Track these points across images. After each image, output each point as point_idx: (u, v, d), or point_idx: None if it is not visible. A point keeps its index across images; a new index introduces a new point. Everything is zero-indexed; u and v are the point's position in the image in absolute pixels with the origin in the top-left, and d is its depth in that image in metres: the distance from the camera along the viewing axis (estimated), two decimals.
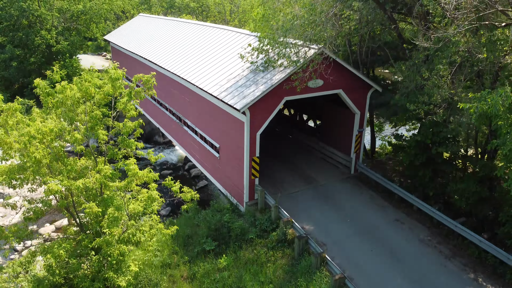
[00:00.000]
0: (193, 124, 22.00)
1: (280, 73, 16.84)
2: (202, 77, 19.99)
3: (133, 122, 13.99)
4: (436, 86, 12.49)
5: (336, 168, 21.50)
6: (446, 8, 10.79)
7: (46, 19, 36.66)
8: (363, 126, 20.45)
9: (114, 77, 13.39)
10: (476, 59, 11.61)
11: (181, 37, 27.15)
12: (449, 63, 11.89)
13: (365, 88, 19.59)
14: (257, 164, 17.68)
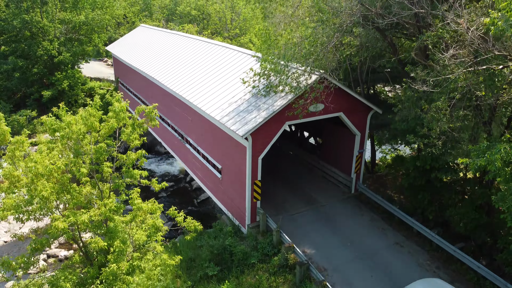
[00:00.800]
0: (195, 143, 22.24)
1: (282, 99, 17.08)
2: (204, 99, 20.21)
3: (137, 152, 14.21)
4: (435, 119, 12.74)
5: (336, 187, 21.74)
6: (444, 57, 11.01)
7: (49, 31, 36.86)
8: (364, 147, 20.69)
9: (118, 110, 13.61)
10: (475, 96, 11.86)
11: (183, 53, 27.36)
12: (448, 98, 12.12)
13: (365, 110, 19.83)
14: (259, 187, 17.92)
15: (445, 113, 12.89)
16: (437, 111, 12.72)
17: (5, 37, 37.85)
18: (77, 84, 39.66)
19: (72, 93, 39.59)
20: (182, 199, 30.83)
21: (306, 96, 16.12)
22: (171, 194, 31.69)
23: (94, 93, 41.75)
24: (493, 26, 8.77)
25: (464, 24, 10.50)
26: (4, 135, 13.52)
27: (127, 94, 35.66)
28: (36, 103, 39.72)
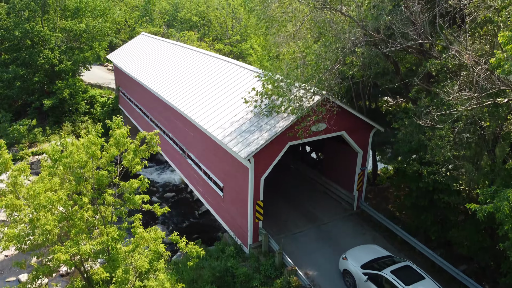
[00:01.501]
0: (196, 158, 22.18)
1: (284, 120, 17.02)
2: (206, 116, 20.14)
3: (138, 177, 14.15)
4: (438, 146, 12.67)
5: (338, 204, 21.69)
6: (449, 92, 10.95)
7: (50, 40, 36.78)
8: (366, 164, 20.62)
9: (119, 138, 13.56)
10: (479, 125, 11.81)
11: (184, 66, 27.28)
12: (452, 127, 12.06)
13: (367, 128, 19.77)
14: (261, 207, 17.86)
15: (449, 139, 12.83)
16: (440, 138, 12.65)
17: (6, 45, 37.78)
18: (78, 92, 39.59)
19: (73, 101, 39.54)
20: (183, 210, 30.78)
21: (309, 120, 16.04)
22: (172, 205, 31.61)
23: (95, 101, 41.73)
24: (499, 69, 8.71)
25: (469, 60, 10.45)
26: (6, 163, 13.42)
27: (127, 104, 35.60)
28: (37, 111, 39.66)
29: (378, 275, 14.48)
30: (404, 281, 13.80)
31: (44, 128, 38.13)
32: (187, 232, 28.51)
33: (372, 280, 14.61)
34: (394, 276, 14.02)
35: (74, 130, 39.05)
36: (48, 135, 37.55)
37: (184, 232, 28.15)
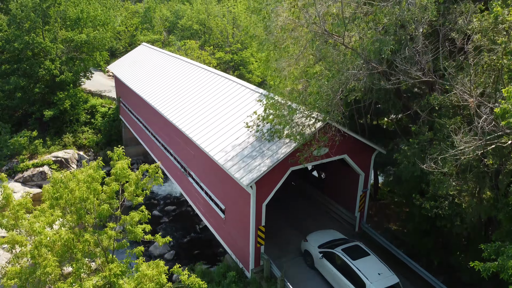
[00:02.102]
0: (197, 177, 22.13)
1: (286, 146, 16.98)
2: (208, 138, 20.07)
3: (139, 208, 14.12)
4: (441, 182, 12.64)
5: (340, 224, 21.66)
6: (455, 139, 10.92)
7: (50, 51, 36.73)
8: (367, 186, 20.59)
9: (119, 173, 13.54)
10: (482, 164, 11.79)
11: (186, 82, 27.21)
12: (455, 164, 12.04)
13: (369, 151, 19.74)
14: (263, 232, 17.84)
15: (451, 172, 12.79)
16: (443, 174, 12.61)
17: (7, 56, 37.75)
18: (78, 103, 39.55)
19: (73, 112, 39.50)
20: (183, 225, 30.73)
21: (311, 149, 16.01)
22: (173, 219, 31.62)
23: (96, 111, 41.69)
24: (504, 121, 8.68)
25: (473, 104, 10.41)
26: (8, 198, 13.37)
27: (128, 116, 35.55)
28: (38, 121, 39.60)
29: (331, 253, 17.11)
30: (352, 256, 16.37)
31: (45, 139, 38.07)
32: (188, 247, 28.54)
33: (326, 257, 17.28)
34: (344, 253, 16.60)
35: (75, 141, 39.03)
36: (49, 146, 37.52)
37: (185, 248, 28.33)
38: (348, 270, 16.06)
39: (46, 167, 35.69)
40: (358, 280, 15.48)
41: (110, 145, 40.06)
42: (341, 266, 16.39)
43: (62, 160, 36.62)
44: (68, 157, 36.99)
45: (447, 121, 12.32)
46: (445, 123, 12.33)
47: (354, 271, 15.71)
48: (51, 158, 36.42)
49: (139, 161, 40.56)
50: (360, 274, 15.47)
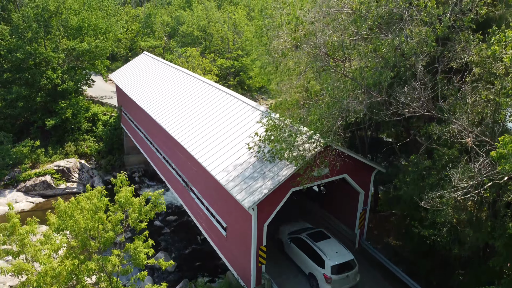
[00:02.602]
0: (199, 193, 22.36)
1: (287, 168, 17.19)
2: (210, 156, 20.27)
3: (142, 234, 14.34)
4: (438, 211, 12.87)
5: (339, 240, 21.83)
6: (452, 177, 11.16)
7: (52, 61, 36.94)
8: (367, 203, 20.83)
9: (124, 202, 13.76)
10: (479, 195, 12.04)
11: (188, 95, 27.38)
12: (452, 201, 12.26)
13: (369, 170, 19.96)
14: (264, 252, 18.07)
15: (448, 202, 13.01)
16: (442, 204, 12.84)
17: (9, 65, 37.97)
18: (80, 111, 39.76)
19: (75, 121, 39.72)
20: (185, 235, 30.90)
21: (312, 173, 16.22)
22: (174, 230, 31.82)
23: (97, 119, 41.90)
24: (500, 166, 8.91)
25: (470, 143, 10.65)
26: (14, 227, 13.57)
27: (130, 125, 35.77)
28: (39, 130, 39.85)
29: (297, 237, 19.80)
30: (314, 239, 19.04)
31: (47, 148, 38.32)
32: (189, 259, 28.75)
33: (293, 242, 19.90)
34: (308, 237, 19.31)
35: (76, 150, 39.26)
36: (51, 155, 37.75)
37: (187, 259, 28.54)
38: (311, 251, 18.67)
39: (49, 177, 35.97)
40: (319, 258, 18.10)
41: (111, 154, 40.34)
42: (306, 248, 18.99)
43: (64, 169, 36.90)
44: (70, 166, 37.26)
45: (446, 151, 12.55)
46: (444, 153, 12.57)
47: (316, 251, 18.37)
48: (53, 167, 36.68)
49: (140, 169, 40.78)
50: (320, 253, 18.14)
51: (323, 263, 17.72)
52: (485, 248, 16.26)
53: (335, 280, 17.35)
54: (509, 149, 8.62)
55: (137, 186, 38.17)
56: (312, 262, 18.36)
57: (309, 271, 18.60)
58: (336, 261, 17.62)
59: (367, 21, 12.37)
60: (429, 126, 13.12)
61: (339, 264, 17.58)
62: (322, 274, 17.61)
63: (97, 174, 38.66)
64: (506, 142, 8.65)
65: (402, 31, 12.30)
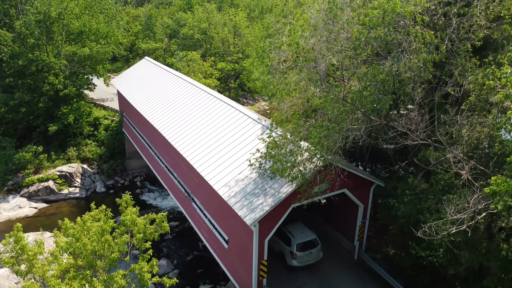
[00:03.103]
0: (201, 205, 22.73)
1: (287, 185, 17.55)
2: (212, 170, 20.60)
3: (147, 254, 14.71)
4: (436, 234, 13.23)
5: (339, 253, 22.29)
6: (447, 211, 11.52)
7: (54, 67, 37.20)
8: (367, 216, 21.21)
9: (129, 224, 14.12)
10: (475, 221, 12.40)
11: (190, 105, 27.65)
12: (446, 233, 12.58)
13: (368, 184, 20.33)
14: (265, 266, 18.48)
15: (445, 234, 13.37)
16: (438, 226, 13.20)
17: (11, 71, 38.25)
18: (82, 116, 40.03)
19: (77, 125, 40.00)
20: (187, 242, 31.26)
21: (312, 192, 16.59)
22: (176, 236, 32.22)
23: (99, 123, 42.17)
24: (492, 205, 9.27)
25: (465, 176, 11.00)
26: (23, 249, 13.94)
27: (131, 131, 36.10)
28: (42, 134, 40.18)
29: None
30: (283, 223, 20.39)
31: (49, 153, 38.66)
32: (191, 266, 29.19)
33: None
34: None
35: (78, 154, 39.58)
36: (53, 160, 38.10)
37: (189, 266, 28.98)
38: (281, 233, 21.12)
39: (51, 182, 36.37)
40: (287, 238, 20.79)
41: (113, 158, 40.71)
42: (278, 231, 20.47)
43: (67, 174, 37.30)
44: (72, 171, 37.66)
45: (442, 177, 12.90)
46: (440, 178, 12.93)
47: (285, 232, 21.02)
48: (56, 172, 37.07)
49: (142, 173, 41.16)
50: (288, 233, 20.84)
51: (290, 242, 20.52)
52: (481, 265, 16.65)
53: (299, 256, 20.21)
54: (502, 188, 8.98)
55: (138, 191, 38.57)
56: (282, 243, 21.06)
57: (279, 249, 21.31)
58: (301, 240, 20.44)
59: (365, 50, 12.67)
60: (427, 151, 13.46)
61: (303, 242, 20.37)
62: (289, 251, 20.41)
63: (99, 179, 39.05)
64: (498, 182, 9.01)
65: (400, 59, 12.61)
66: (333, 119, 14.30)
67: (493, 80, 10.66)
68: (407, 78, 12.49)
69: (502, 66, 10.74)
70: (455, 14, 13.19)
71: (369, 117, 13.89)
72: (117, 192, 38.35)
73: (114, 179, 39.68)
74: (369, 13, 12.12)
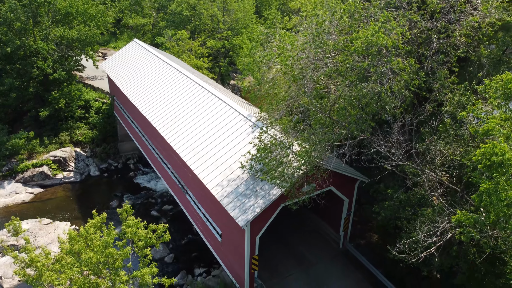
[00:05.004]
0: (196, 199, 23.82)
1: (277, 188, 18.61)
2: (205, 168, 21.47)
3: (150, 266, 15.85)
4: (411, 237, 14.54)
5: (326, 242, 23.79)
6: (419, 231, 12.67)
7: (43, 52, 36.94)
8: (351, 209, 22.57)
9: (131, 236, 15.13)
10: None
11: (181, 98, 28.04)
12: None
13: (353, 181, 21.53)
14: (256, 260, 19.88)
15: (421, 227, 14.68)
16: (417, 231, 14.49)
17: None
18: (73, 100, 40.17)
19: (68, 109, 40.22)
20: (181, 226, 32.39)
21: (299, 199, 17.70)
22: (170, 219, 33.43)
23: (90, 106, 42.33)
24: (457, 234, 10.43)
25: (436, 201, 12.09)
26: (32, 261, 14.92)
27: (123, 116, 36.53)
28: (33, 119, 40.41)
29: None
30: None
31: (41, 137, 39.05)
32: (186, 250, 30.59)
33: None
34: None
35: (71, 138, 40.03)
36: (46, 145, 38.56)
37: (184, 250, 30.43)
38: None
39: (46, 167, 37.04)
40: None
41: (106, 141, 41.29)
42: None
43: (60, 159, 37.93)
44: (66, 156, 38.28)
45: (418, 191, 14.07)
46: (416, 193, 14.09)
47: None
48: (49, 157, 37.66)
49: (135, 156, 41.87)
50: None
51: None
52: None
53: None
54: (466, 222, 10.12)
55: (132, 174, 39.49)
56: None
57: None
58: None
59: (352, 74, 13.43)
60: (405, 166, 14.55)
61: None
62: None
63: (93, 163, 39.78)
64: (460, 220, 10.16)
65: (383, 83, 13.42)
66: (320, 133, 15.19)
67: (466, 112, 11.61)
68: (388, 101, 13.34)
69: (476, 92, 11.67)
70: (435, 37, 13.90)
71: (353, 133, 14.83)
72: (111, 175, 39.28)
73: (107, 162, 40.42)
74: (354, 43, 12.78)
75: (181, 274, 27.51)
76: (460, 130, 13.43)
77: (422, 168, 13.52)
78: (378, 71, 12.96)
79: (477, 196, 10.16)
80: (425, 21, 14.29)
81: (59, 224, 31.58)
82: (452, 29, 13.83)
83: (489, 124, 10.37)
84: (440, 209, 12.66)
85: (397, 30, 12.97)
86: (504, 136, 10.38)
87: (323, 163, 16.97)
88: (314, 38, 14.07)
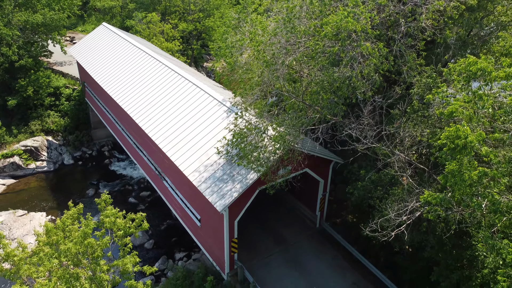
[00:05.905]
0: (173, 185, 23.90)
1: (253, 172, 18.88)
2: (182, 155, 21.48)
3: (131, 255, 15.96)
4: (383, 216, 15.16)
5: (303, 222, 24.41)
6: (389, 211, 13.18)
7: (6, 39, 35.53)
8: (327, 190, 23.16)
9: (109, 227, 15.17)
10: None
11: (154, 83, 27.70)
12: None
13: (328, 162, 22.03)
14: (235, 243, 20.28)
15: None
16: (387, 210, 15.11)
17: None
18: (42, 87, 38.98)
19: (37, 97, 39.06)
20: (159, 211, 32.43)
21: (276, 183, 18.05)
22: (149, 206, 33.46)
23: (60, 93, 41.20)
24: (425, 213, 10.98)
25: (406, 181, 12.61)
26: (8, 256, 14.78)
27: (95, 103, 35.85)
28: (0, 108, 39.10)
29: None
30: None
31: (10, 127, 37.94)
32: (165, 235, 30.75)
33: None
34: None
35: (42, 127, 39.04)
36: (16, 134, 37.53)
37: (163, 236, 30.61)
38: None
39: (17, 157, 36.13)
40: None
41: (78, 129, 40.46)
42: None
43: (32, 148, 37.04)
44: (37, 145, 37.40)
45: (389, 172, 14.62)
46: (387, 173, 14.63)
47: None
48: (20, 147, 36.71)
49: (109, 142, 41.31)
50: None
51: None
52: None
53: None
54: (433, 202, 10.67)
55: (107, 161, 39.03)
56: None
57: None
58: None
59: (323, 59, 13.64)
60: (376, 148, 15.02)
61: None
62: None
63: (66, 151, 39.05)
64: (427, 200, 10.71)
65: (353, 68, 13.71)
66: (294, 117, 15.44)
67: (432, 95, 12.06)
68: (359, 85, 13.67)
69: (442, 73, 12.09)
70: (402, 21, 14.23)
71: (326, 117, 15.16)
72: (86, 164, 38.69)
73: (81, 150, 39.76)
74: (324, 28, 12.94)
75: (161, 259, 27.76)
76: (428, 112, 13.97)
77: (392, 149, 14.06)
78: (348, 56, 13.23)
79: (443, 177, 10.72)
80: (393, 4, 14.58)
81: (35, 215, 31.11)
82: (419, 12, 14.17)
83: (453, 106, 10.85)
84: (410, 189, 13.30)
85: (365, 15, 13.20)
86: (467, 117, 10.89)
87: (297, 146, 17.29)
88: (286, 24, 14.17)
